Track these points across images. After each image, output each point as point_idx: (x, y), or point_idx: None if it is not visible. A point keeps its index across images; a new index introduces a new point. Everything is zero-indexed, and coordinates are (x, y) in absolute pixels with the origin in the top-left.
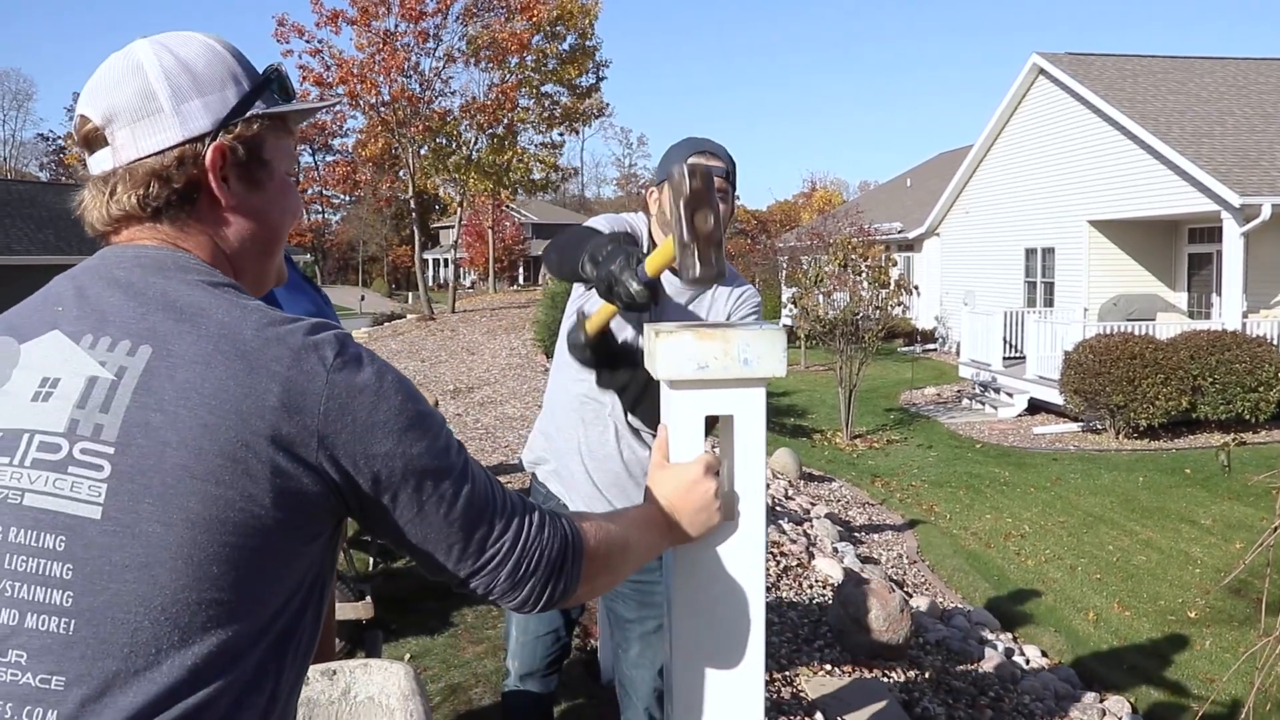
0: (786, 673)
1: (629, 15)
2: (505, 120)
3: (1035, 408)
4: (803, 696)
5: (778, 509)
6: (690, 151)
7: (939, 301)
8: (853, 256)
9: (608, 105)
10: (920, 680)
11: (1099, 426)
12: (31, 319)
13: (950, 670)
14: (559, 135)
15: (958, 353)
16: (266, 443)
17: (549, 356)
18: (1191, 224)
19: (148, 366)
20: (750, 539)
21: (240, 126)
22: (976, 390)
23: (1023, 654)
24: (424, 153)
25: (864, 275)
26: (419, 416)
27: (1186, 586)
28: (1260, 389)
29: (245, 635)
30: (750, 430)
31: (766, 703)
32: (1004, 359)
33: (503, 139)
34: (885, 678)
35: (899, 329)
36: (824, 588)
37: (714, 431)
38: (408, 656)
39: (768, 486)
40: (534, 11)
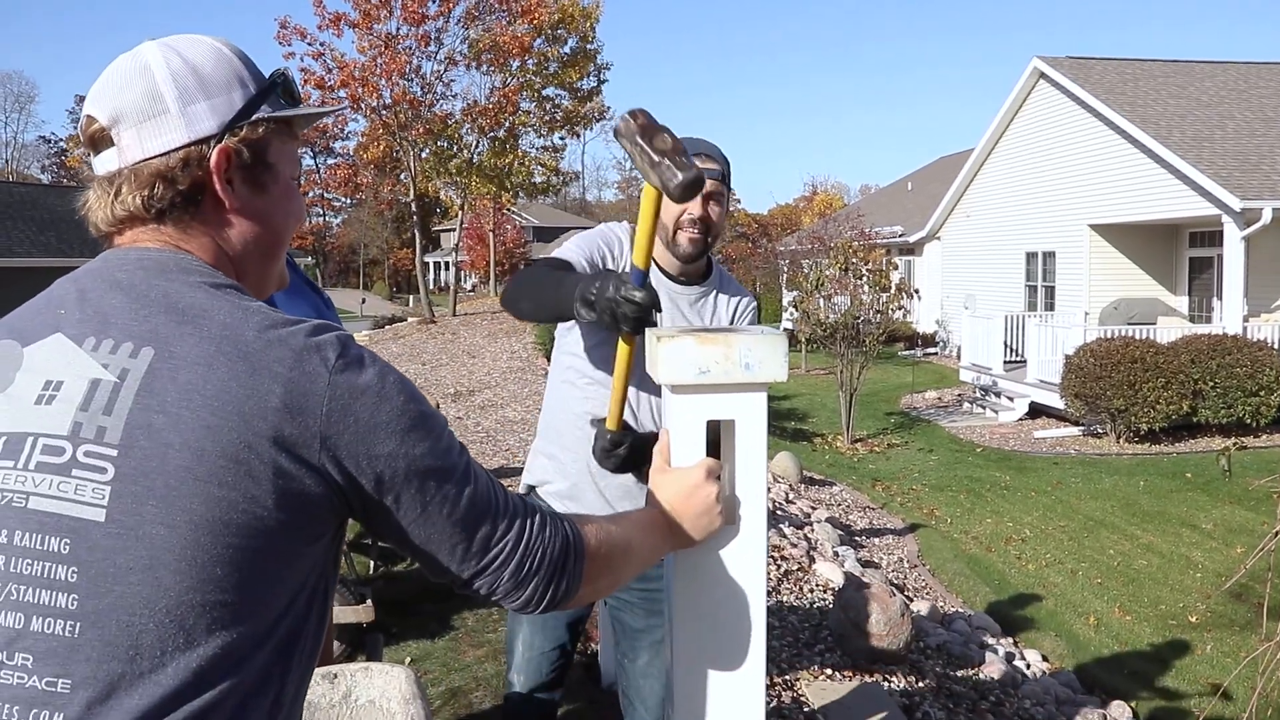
0: (787, 677)
1: (629, 16)
2: (507, 124)
3: (1036, 412)
4: (803, 701)
5: (778, 513)
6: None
7: (940, 305)
8: (854, 260)
9: (609, 109)
10: (921, 685)
11: (1100, 430)
12: (34, 322)
13: (951, 675)
14: (560, 139)
15: (958, 356)
16: (269, 444)
17: (549, 360)
18: (1192, 228)
19: (150, 368)
20: (751, 543)
21: (246, 129)
22: (977, 394)
23: (1023, 659)
24: (425, 156)
25: (865, 279)
26: (421, 417)
27: (1187, 591)
28: (1261, 393)
29: (250, 638)
30: (752, 435)
31: (767, 708)
32: (1005, 363)
33: (504, 142)
34: (886, 682)
35: (900, 333)
36: (824, 592)
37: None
38: (408, 660)
39: (768, 490)
40: (535, 15)
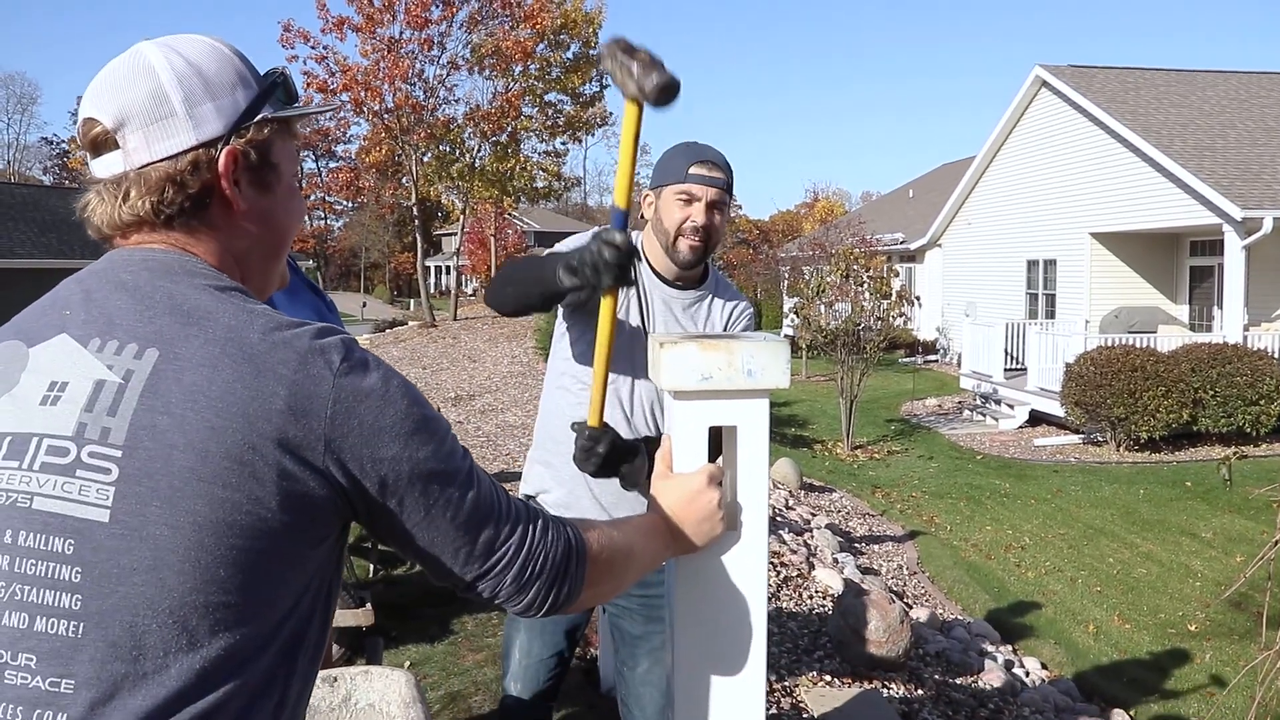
0: (786, 683)
1: (632, 22)
2: (509, 128)
3: (1036, 419)
4: (803, 708)
5: (778, 519)
6: (687, 156)
7: (940, 312)
8: (855, 267)
9: (611, 114)
10: (920, 692)
11: (1100, 439)
12: (39, 323)
13: (950, 682)
14: (562, 144)
15: (959, 364)
16: (273, 446)
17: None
18: (1193, 237)
19: (155, 369)
20: (752, 549)
21: (251, 130)
22: (977, 401)
23: (1023, 666)
24: (427, 160)
25: (866, 286)
26: (425, 420)
27: (1187, 599)
28: (1261, 402)
29: (253, 639)
30: (753, 441)
31: (766, 714)
32: (1005, 370)
33: (506, 147)
34: (885, 689)
35: (900, 340)
36: (824, 598)
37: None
38: (408, 664)
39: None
40: (538, 20)
